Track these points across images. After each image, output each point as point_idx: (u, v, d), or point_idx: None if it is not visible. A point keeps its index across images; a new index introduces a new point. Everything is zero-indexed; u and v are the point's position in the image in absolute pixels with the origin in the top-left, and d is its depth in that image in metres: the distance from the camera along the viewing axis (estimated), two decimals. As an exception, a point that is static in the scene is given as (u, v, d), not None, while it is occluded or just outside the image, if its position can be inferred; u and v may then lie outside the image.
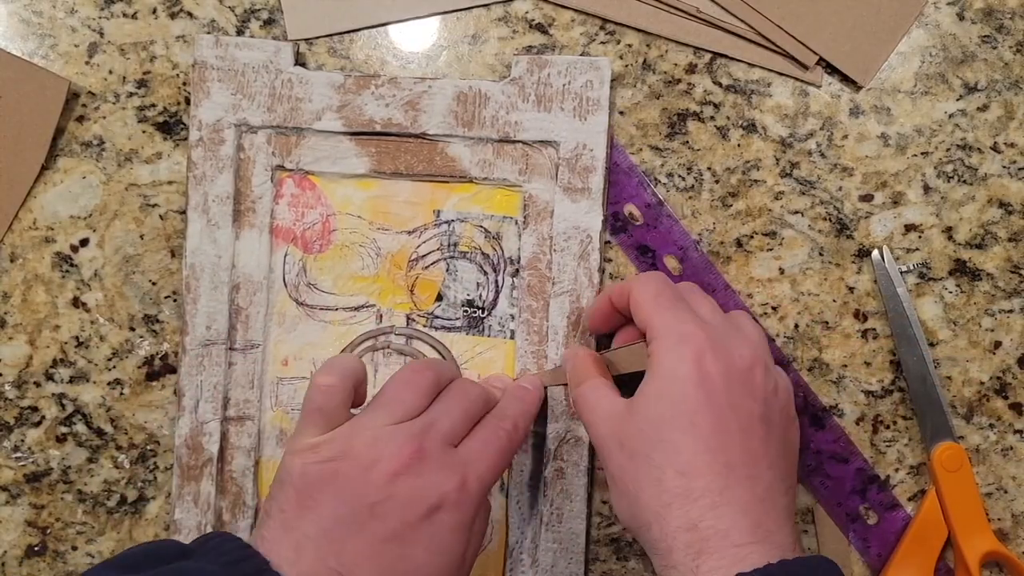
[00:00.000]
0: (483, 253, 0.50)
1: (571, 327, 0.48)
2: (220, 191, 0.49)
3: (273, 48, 0.49)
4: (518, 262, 0.49)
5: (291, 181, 0.50)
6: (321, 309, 0.50)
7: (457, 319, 0.50)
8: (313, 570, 0.37)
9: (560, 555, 0.48)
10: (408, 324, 0.50)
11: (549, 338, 0.48)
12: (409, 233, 0.50)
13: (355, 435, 0.40)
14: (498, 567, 0.49)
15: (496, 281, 0.50)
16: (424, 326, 0.50)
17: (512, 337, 0.49)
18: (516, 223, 0.50)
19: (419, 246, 0.50)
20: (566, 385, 0.47)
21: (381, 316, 0.50)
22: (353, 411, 0.43)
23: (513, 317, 0.49)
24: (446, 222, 0.50)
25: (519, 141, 0.49)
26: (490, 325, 0.50)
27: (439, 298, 0.50)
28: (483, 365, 0.49)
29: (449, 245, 0.50)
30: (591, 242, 0.48)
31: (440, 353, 0.49)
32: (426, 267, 0.50)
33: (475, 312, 0.50)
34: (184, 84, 0.51)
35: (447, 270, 0.50)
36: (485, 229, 0.50)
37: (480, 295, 0.50)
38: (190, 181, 0.49)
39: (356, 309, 0.50)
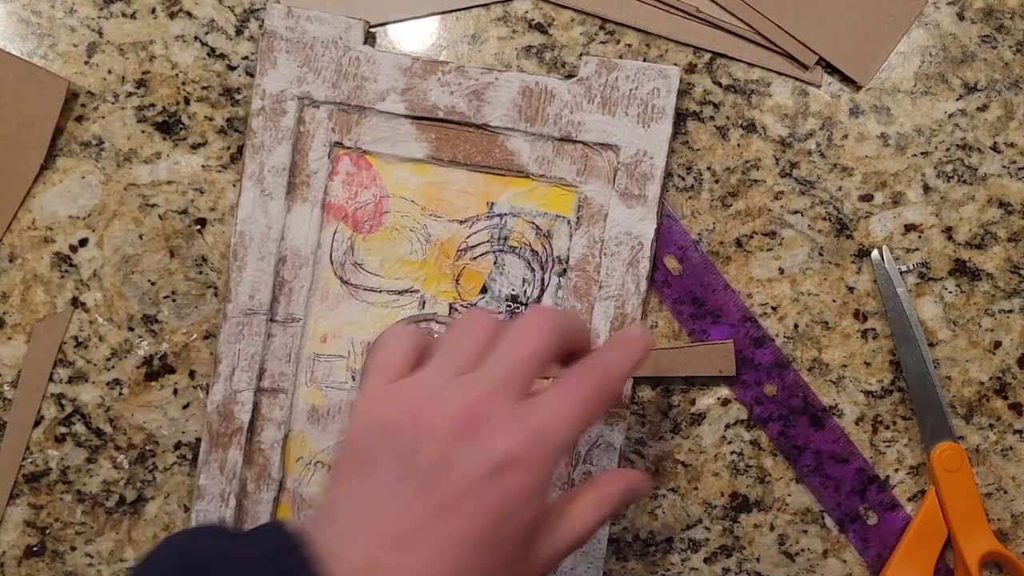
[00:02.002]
0: (532, 250, 0.49)
1: (614, 332, 0.48)
2: (277, 162, 0.49)
3: (344, 24, 0.49)
4: (566, 262, 0.49)
5: (348, 159, 0.50)
6: (365, 290, 0.50)
7: (500, 313, 0.50)
8: (372, 538, 0.33)
9: (580, 559, 0.48)
10: (451, 313, 0.50)
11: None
12: (461, 223, 0.50)
13: (411, 392, 0.36)
14: None
15: (542, 279, 0.49)
16: None
17: None
18: (568, 223, 0.49)
19: (469, 236, 0.50)
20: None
21: (424, 302, 0.50)
22: None
23: None
24: (499, 215, 0.50)
25: (580, 141, 0.49)
26: None
27: (484, 290, 0.50)
28: None
29: (499, 238, 0.50)
30: (642, 249, 0.48)
31: None
32: (474, 258, 0.50)
33: (518, 308, 0.49)
34: (183, 84, 0.50)
35: (495, 263, 0.50)
36: (537, 226, 0.49)
37: (525, 291, 0.50)
38: (247, 149, 0.49)
39: (400, 293, 0.50)
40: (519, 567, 0.35)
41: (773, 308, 0.50)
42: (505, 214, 0.50)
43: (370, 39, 0.50)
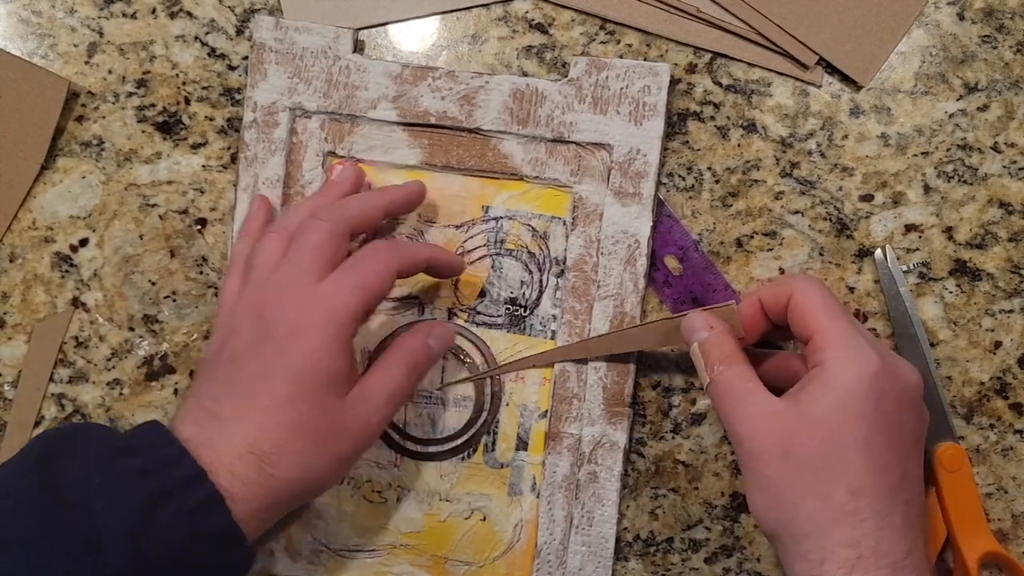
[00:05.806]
0: (529, 252, 0.49)
1: (613, 325, 0.48)
2: (271, 174, 0.49)
3: (332, 34, 0.49)
4: (564, 263, 0.49)
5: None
6: None
7: (499, 316, 0.50)
8: (198, 416, 0.40)
9: (588, 559, 0.48)
10: (450, 318, 0.50)
11: None
12: (457, 227, 0.50)
13: (232, 296, 0.44)
14: (525, 567, 0.49)
15: (540, 280, 0.49)
16: (466, 321, 0.50)
17: (553, 338, 0.49)
18: (564, 224, 0.49)
19: (466, 241, 0.50)
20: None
21: (423, 308, 0.50)
22: None
23: (555, 318, 0.49)
24: (494, 219, 0.50)
25: (573, 142, 0.49)
26: (531, 324, 0.49)
27: (482, 294, 0.50)
28: None
29: (496, 242, 0.50)
30: (639, 247, 0.48)
31: (479, 349, 0.49)
32: (471, 262, 0.50)
33: (517, 310, 0.50)
34: (183, 84, 0.50)
35: (492, 267, 0.50)
36: (533, 228, 0.49)
37: (523, 294, 0.50)
38: (241, 162, 0.49)
39: (399, 300, 0.50)
40: (339, 419, 0.41)
41: (773, 308, 0.50)
42: (501, 217, 0.50)
43: (359, 47, 0.50)
